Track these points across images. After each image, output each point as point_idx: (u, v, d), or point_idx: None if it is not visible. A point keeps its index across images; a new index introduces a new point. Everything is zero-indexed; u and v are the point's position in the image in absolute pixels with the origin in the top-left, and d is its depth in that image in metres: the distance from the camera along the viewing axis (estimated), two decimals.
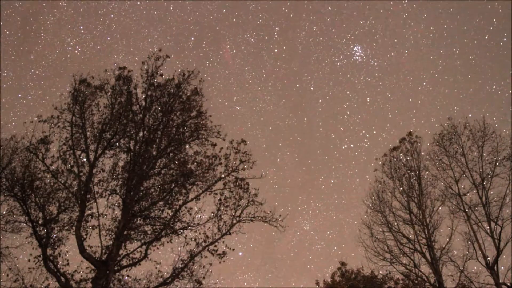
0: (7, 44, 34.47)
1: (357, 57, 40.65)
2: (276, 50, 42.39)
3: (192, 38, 41.15)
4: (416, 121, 39.04)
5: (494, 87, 35.22)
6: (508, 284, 14.65)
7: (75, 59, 37.06)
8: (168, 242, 14.02)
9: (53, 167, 13.31)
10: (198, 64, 42.11)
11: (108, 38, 38.00)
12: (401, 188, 17.89)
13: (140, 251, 13.47)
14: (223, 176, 14.46)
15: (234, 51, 42.70)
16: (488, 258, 15.24)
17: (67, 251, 13.16)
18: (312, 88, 42.61)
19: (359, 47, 40.81)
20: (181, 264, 13.41)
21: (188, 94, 15.23)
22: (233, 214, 14.10)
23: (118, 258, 12.77)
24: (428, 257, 16.28)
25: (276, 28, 41.38)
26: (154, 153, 14.18)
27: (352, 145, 39.93)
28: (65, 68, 37.16)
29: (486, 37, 36.19)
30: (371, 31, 40.99)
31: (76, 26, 36.28)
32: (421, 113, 39.88)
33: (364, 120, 41.70)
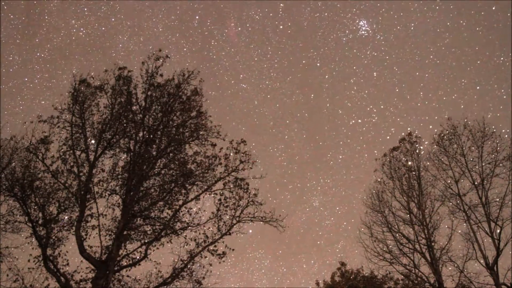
0: (12, 28, 34.44)
1: (363, 32, 40.23)
2: (281, 27, 42.04)
3: (197, 17, 40.87)
4: (423, 95, 38.82)
5: (502, 58, 34.73)
6: (508, 284, 14.66)
7: (80, 41, 37.10)
8: (168, 242, 14.03)
9: (53, 167, 13.33)
10: (203, 43, 41.90)
11: (113, 19, 37.91)
12: (401, 188, 17.90)
13: (140, 251, 13.49)
14: (223, 176, 14.47)
15: (239, 28, 42.43)
16: (488, 258, 15.25)
17: (67, 251, 13.18)
18: (318, 64, 42.26)
19: (365, 22, 40.39)
20: (181, 264, 13.42)
21: (188, 94, 15.22)
22: (233, 214, 14.11)
23: (118, 258, 12.78)
24: (428, 257, 16.29)
25: (281, 4, 40.81)
26: (154, 153, 14.18)
27: (359, 121, 39.82)
28: (71, 51, 37.22)
29: (493, 8, 35.71)
30: (376, 5, 40.46)
31: (80, 8, 36.24)
32: (429, 87, 39.49)
33: (371, 95, 41.46)
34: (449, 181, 17.08)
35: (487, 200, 15.90)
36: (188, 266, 13.49)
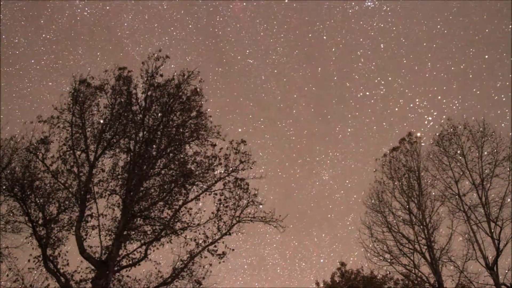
0: (16, 10, 34.41)
1: (369, 3, 39.63)
2: (286, 1, 41.68)
3: None
4: (431, 65, 38.32)
5: (510, 26, 34.07)
6: (508, 284, 14.66)
7: (85, 21, 37.07)
8: (168, 242, 14.03)
9: (53, 167, 13.33)
10: (209, 19, 41.79)
11: None
12: (401, 189, 17.91)
13: (140, 251, 13.49)
14: (223, 176, 14.47)
15: (244, 3, 42.09)
16: (488, 259, 15.25)
17: (67, 251, 13.18)
18: (324, 37, 41.98)
19: None
20: (181, 264, 13.42)
21: (188, 95, 15.24)
22: (233, 214, 14.11)
23: (118, 258, 12.78)
24: (428, 258, 16.29)
25: None
26: (154, 153, 14.18)
27: (367, 93, 39.59)
28: (76, 31, 37.22)
29: None
30: None
31: None
32: (437, 57, 38.92)
33: (379, 67, 41.07)
34: (449, 181, 17.10)
35: (487, 200, 15.91)
36: (188, 266, 13.49)
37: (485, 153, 16.50)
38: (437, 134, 17.88)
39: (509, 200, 15.60)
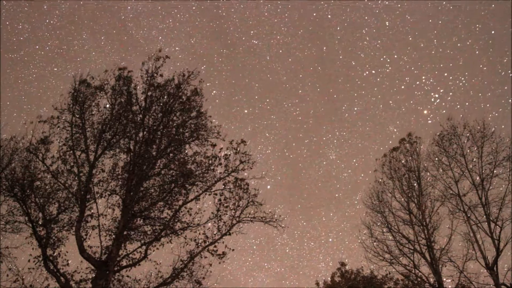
0: None
1: None
2: None
3: None
4: (437, 42, 37.91)
5: None
6: (508, 284, 14.67)
7: (88, 5, 36.99)
8: (168, 242, 14.04)
9: (53, 168, 13.33)
10: (212, 0, 41.81)
11: None
12: (401, 189, 17.91)
13: (140, 252, 13.49)
14: (222, 176, 14.48)
15: None
16: (488, 259, 15.26)
17: (67, 251, 13.18)
18: (329, 16, 41.49)
19: None
20: (181, 265, 13.43)
21: (188, 95, 15.25)
22: (233, 214, 14.12)
23: (118, 259, 12.78)
24: (428, 258, 16.30)
25: None
26: (154, 153, 14.18)
27: (373, 71, 39.27)
28: (79, 16, 37.10)
29: None
30: None
31: None
32: (443, 34, 38.53)
33: (385, 45, 40.60)
34: (449, 182, 17.10)
35: (487, 201, 15.92)
36: (188, 266, 13.50)
37: (485, 153, 16.52)
38: (437, 134, 17.90)
39: (508, 200, 15.62)
